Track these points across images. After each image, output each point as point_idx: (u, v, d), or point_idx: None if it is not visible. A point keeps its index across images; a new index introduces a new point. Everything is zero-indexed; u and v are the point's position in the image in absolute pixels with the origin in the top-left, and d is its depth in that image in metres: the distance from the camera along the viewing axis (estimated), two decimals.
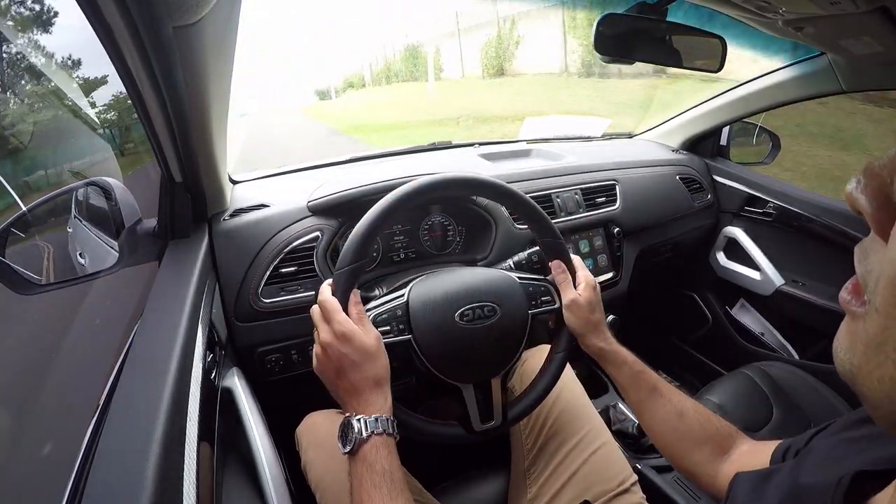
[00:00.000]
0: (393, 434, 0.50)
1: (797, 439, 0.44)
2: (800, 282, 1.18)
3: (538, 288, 0.66)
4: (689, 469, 0.55)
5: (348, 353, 0.51)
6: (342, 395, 0.52)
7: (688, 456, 0.54)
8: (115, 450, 0.36)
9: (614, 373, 0.61)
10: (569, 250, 0.67)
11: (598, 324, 0.63)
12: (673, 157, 1.35)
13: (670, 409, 0.56)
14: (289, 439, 0.73)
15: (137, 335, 0.51)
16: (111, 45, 0.43)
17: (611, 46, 0.71)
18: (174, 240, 0.72)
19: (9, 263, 0.63)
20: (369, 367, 0.52)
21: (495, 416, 0.62)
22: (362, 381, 0.51)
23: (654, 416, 0.58)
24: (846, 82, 0.95)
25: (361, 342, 0.52)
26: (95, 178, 0.72)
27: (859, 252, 0.25)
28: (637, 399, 0.59)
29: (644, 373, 0.60)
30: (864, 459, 0.31)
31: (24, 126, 2.03)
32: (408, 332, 0.59)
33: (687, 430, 0.55)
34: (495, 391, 0.62)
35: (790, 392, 0.98)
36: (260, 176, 1.05)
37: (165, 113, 0.52)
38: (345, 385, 0.52)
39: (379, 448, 0.48)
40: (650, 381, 0.59)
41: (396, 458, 0.49)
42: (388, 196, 0.59)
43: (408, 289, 0.62)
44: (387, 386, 0.53)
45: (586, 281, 0.65)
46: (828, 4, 0.59)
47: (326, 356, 0.52)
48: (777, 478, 0.38)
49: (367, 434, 0.48)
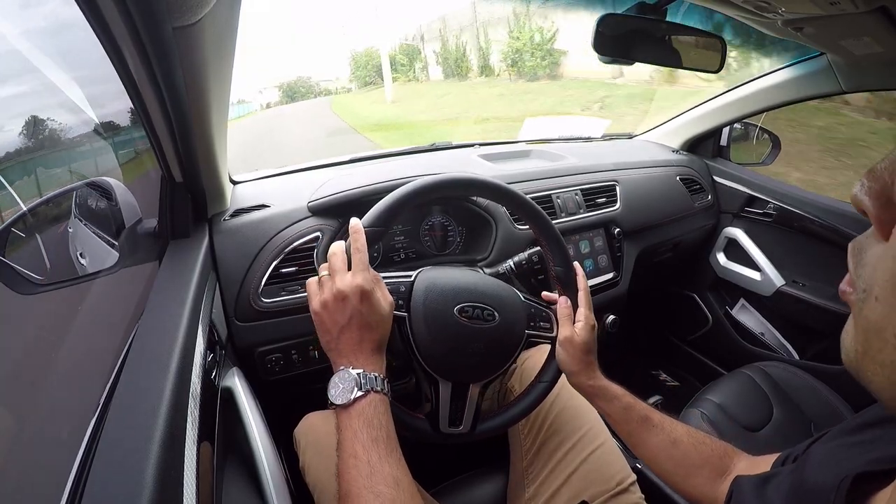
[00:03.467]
0: (388, 395, 0.49)
1: (796, 448, 0.44)
2: (800, 282, 1.18)
3: (540, 312, 0.66)
4: (690, 493, 0.54)
5: (363, 311, 0.50)
6: (341, 348, 0.50)
7: (687, 481, 0.54)
8: (115, 450, 0.36)
9: (605, 407, 0.61)
10: (577, 286, 0.67)
11: (590, 364, 0.62)
12: (673, 157, 1.35)
13: (663, 438, 0.56)
14: (289, 439, 0.73)
15: (138, 335, 0.50)
16: (111, 46, 0.43)
17: (610, 47, 0.71)
18: (174, 240, 0.72)
19: (9, 263, 0.62)
20: (378, 330, 0.51)
21: (464, 423, 0.61)
22: (368, 341, 0.50)
23: (647, 446, 0.57)
24: (846, 82, 0.95)
25: (378, 304, 0.51)
26: (95, 178, 0.72)
27: (854, 248, 0.26)
28: (629, 431, 0.59)
29: (635, 405, 0.59)
30: (864, 461, 0.32)
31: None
32: (405, 310, 0.59)
33: (682, 456, 0.54)
34: (471, 398, 0.61)
35: (790, 392, 0.98)
36: (260, 176, 1.05)
37: (165, 113, 0.52)
38: (347, 340, 0.50)
39: (377, 404, 0.47)
40: (641, 412, 0.58)
41: (391, 418, 0.48)
42: (432, 178, 0.61)
43: (416, 272, 0.63)
44: (384, 351, 0.53)
45: (586, 320, 0.64)
46: (828, 4, 0.59)
47: (338, 306, 0.50)
48: (777, 480, 0.38)
49: (366, 389, 0.47)
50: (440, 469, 0.76)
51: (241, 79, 18.09)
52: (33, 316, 1.00)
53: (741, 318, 1.33)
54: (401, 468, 0.45)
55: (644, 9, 0.69)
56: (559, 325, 0.65)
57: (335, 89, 21.60)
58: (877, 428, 0.35)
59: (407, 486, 0.44)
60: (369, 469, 0.43)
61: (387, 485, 0.42)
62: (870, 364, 0.24)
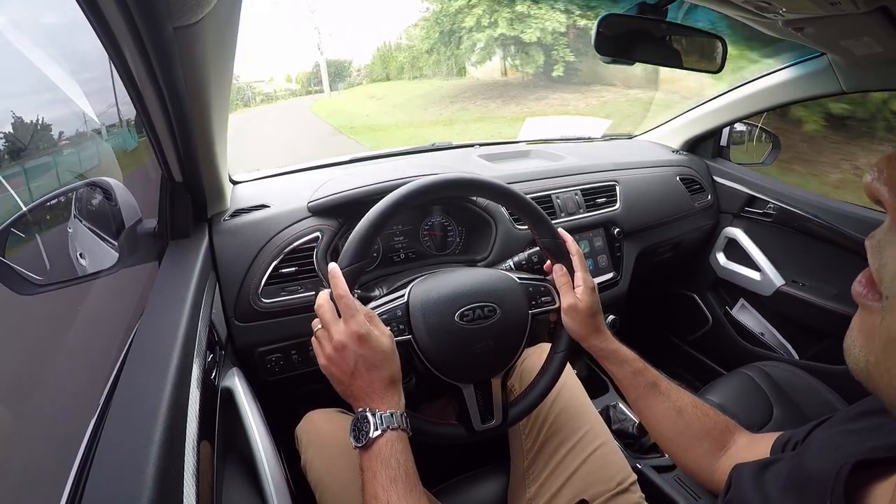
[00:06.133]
0: (406, 430, 0.50)
1: (797, 432, 0.44)
2: (800, 282, 1.18)
3: (538, 288, 0.66)
4: (688, 464, 0.55)
5: (365, 354, 0.51)
6: (356, 393, 0.51)
7: (687, 451, 0.55)
8: (115, 450, 0.36)
9: (615, 370, 0.62)
10: (568, 252, 0.67)
11: (597, 326, 0.63)
12: (673, 157, 1.35)
13: (669, 406, 0.57)
14: (289, 439, 0.73)
15: (138, 335, 0.50)
16: (111, 45, 0.43)
17: (611, 47, 0.71)
18: (174, 240, 0.72)
19: (9, 263, 0.62)
20: (385, 367, 0.52)
21: (496, 415, 0.62)
22: (378, 381, 0.51)
23: (653, 412, 0.58)
24: (846, 83, 0.95)
25: (378, 343, 0.51)
26: (95, 178, 0.72)
27: (872, 245, 0.24)
28: (636, 396, 0.60)
29: (644, 371, 0.60)
30: (864, 448, 0.31)
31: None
32: (408, 333, 0.59)
33: (685, 426, 0.55)
34: (496, 390, 0.62)
35: (790, 392, 0.98)
36: (260, 176, 1.05)
37: (165, 113, 0.52)
38: (359, 384, 0.51)
39: (394, 443, 0.48)
40: (650, 379, 0.59)
41: (410, 454, 0.49)
42: (388, 197, 0.59)
43: (408, 289, 0.62)
44: (400, 384, 0.53)
45: (585, 283, 0.65)
46: (828, 5, 0.59)
47: (341, 356, 0.51)
48: (776, 467, 0.38)
49: (383, 429, 0.48)
50: (441, 469, 0.76)
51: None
52: (33, 316, 1.00)
53: (741, 318, 1.33)
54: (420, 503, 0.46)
55: (644, 9, 0.69)
56: (560, 295, 0.65)
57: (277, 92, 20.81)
58: (877, 416, 0.35)
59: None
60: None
61: None
62: (883, 376, 0.23)
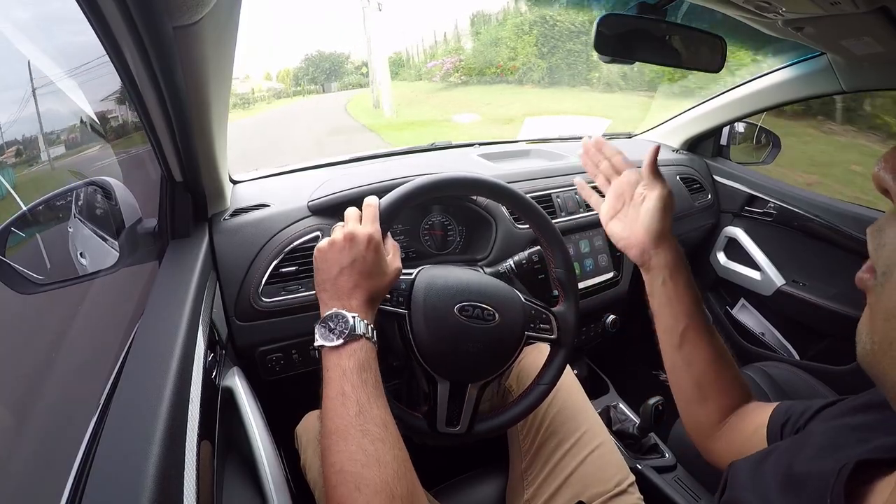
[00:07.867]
0: (375, 346, 0.49)
1: (796, 411, 0.44)
2: (800, 282, 1.18)
3: (540, 314, 0.66)
4: (699, 417, 0.54)
5: (367, 256, 0.50)
6: (338, 287, 0.49)
7: (705, 402, 0.54)
8: (116, 449, 0.36)
9: (680, 289, 0.59)
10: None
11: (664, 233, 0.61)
12: (673, 157, 1.35)
13: (717, 345, 0.55)
14: (289, 438, 0.74)
15: (138, 335, 0.51)
16: (111, 45, 0.43)
17: (611, 46, 0.71)
18: (174, 239, 0.72)
19: (9, 263, 0.62)
20: (376, 280, 0.51)
21: (461, 423, 0.61)
22: (363, 289, 0.50)
23: (696, 346, 0.55)
24: (846, 82, 0.95)
25: (384, 259, 0.52)
26: (95, 178, 0.72)
27: (873, 230, 0.25)
28: (686, 325, 0.56)
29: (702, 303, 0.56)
30: (865, 448, 0.31)
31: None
32: (405, 307, 0.59)
33: (717, 374, 0.54)
34: (469, 398, 0.61)
35: (790, 392, 0.98)
36: (260, 176, 1.05)
37: (165, 113, 0.52)
38: (344, 281, 0.49)
39: (368, 350, 0.47)
40: (706, 313, 0.56)
41: (378, 367, 0.48)
42: (452, 174, 0.65)
43: (417, 270, 0.63)
44: (376, 306, 0.52)
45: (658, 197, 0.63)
46: (828, 4, 0.58)
47: (343, 246, 0.50)
48: (773, 459, 0.37)
49: (360, 333, 0.46)
50: (440, 469, 0.76)
51: None
52: (33, 316, 1.00)
53: (741, 318, 1.33)
54: (388, 413, 0.44)
55: (644, 9, 0.69)
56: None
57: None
58: (879, 411, 0.34)
59: (394, 430, 0.43)
60: (358, 408, 0.42)
61: (375, 424, 0.42)
62: (885, 355, 0.23)
